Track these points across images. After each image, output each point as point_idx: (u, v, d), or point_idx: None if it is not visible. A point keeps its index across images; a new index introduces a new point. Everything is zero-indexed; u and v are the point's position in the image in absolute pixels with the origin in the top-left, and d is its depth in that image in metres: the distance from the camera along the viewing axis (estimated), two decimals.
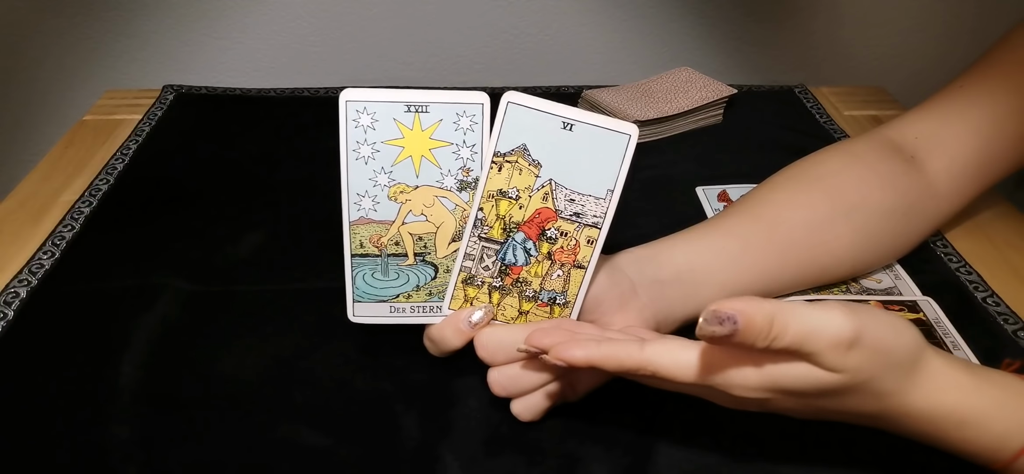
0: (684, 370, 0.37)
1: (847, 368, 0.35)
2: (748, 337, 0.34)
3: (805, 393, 0.36)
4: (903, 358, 0.37)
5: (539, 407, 0.45)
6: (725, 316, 0.33)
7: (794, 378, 0.36)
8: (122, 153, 0.77)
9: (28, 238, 0.64)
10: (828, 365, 0.35)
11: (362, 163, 0.44)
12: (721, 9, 1.01)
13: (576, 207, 0.44)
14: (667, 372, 0.38)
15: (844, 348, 0.34)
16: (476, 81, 1.03)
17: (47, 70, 1.00)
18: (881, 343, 0.36)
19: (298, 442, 0.46)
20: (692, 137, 0.82)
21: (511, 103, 0.43)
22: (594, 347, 0.39)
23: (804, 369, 0.35)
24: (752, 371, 0.36)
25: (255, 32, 1.00)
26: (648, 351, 0.38)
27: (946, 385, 0.38)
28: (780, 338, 0.34)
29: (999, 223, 0.67)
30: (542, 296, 0.46)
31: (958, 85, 0.58)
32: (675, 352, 0.38)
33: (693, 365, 0.37)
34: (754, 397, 0.37)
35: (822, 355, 0.35)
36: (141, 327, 0.54)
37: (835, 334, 0.34)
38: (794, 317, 0.34)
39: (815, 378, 0.35)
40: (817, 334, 0.34)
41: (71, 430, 0.46)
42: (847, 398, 0.37)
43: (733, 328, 0.33)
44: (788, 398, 0.37)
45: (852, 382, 0.36)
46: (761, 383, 0.36)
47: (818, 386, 0.36)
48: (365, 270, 0.47)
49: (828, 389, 0.36)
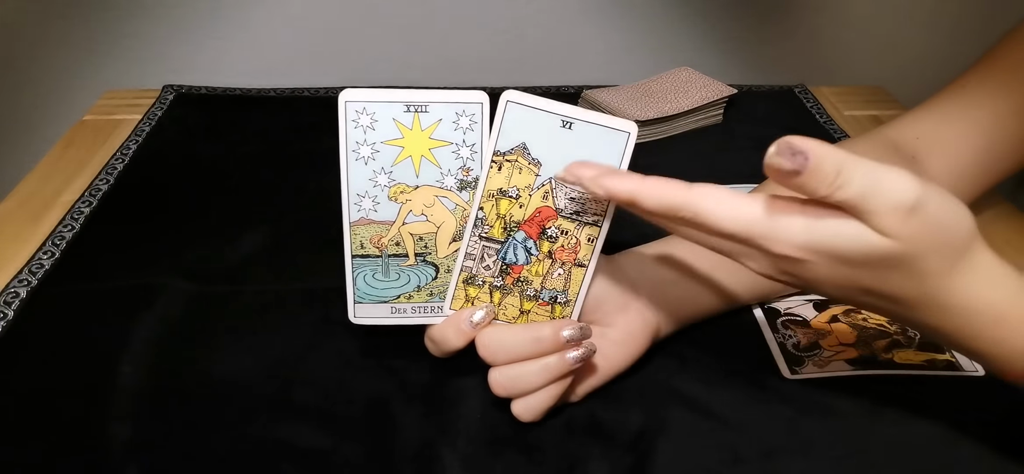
0: (728, 214, 0.35)
1: (902, 235, 0.33)
2: (814, 178, 0.32)
3: (850, 259, 0.35)
4: (956, 240, 0.35)
5: (540, 407, 0.45)
6: (798, 150, 0.32)
7: (844, 239, 0.34)
8: (122, 153, 0.77)
9: (28, 238, 0.64)
10: (884, 228, 0.33)
11: (362, 163, 0.44)
12: (721, 9, 1.01)
13: (576, 205, 0.44)
14: (711, 215, 0.35)
15: (904, 213, 0.33)
16: (476, 81, 1.03)
17: (47, 70, 1.00)
18: (940, 218, 0.34)
19: (298, 442, 0.46)
20: (692, 137, 0.82)
21: (510, 102, 0.43)
22: (637, 181, 0.37)
23: (856, 230, 0.34)
24: (801, 224, 0.34)
25: (255, 32, 1.00)
26: (695, 192, 0.36)
27: (991, 279, 0.36)
28: (844, 187, 0.32)
29: (999, 223, 0.67)
30: (543, 295, 0.46)
31: (959, 85, 0.58)
32: (722, 195, 0.36)
33: (739, 211, 0.35)
34: (794, 256, 0.35)
35: (880, 216, 0.33)
36: (141, 327, 0.54)
37: (899, 196, 0.33)
38: (863, 170, 0.32)
39: (865, 242, 0.34)
40: (881, 193, 0.33)
41: (71, 430, 0.46)
42: (890, 273, 0.35)
43: (803, 163, 0.32)
44: (828, 264, 0.35)
45: (902, 252, 0.34)
46: (807, 240, 0.34)
47: (867, 252, 0.34)
48: (366, 271, 0.47)
49: (875, 257, 0.34)
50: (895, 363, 0.52)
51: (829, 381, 0.50)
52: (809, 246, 0.35)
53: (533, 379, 0.45)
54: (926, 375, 0.51)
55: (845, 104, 0.91)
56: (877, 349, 0.53)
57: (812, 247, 0.35)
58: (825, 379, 0.51)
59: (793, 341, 0.53)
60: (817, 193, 0.33)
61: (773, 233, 0.35)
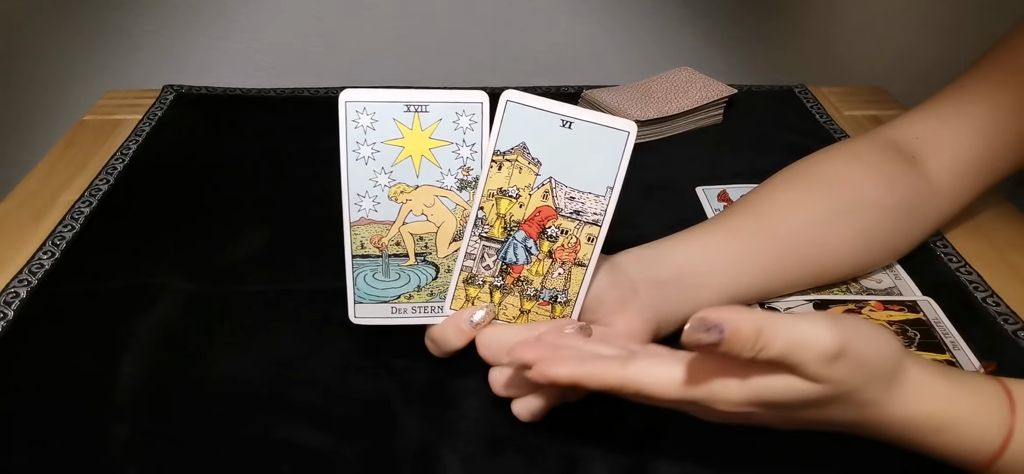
0: (666, 387, 0.37)
1: (832, 379, 0.35)
2: (735, 346, 0.34)
3: (789, 405, 0.37)
4: (884, 369, 0.37)
5: (540, 407, 0.45)
6: (712, 324, 0.33)
7: (779, 390, 0.36)
8: (122, 153, 0.77)
9: (28, 238, 0.64)
10: (813, 376, 0.35)
11: (362, 163, 0.44)
12: (721, 9, 1.01)
13: (576, 205, 0.44)
14: (650, 390, 0.38)
15: (829, 360, 0.35)
16: (475, 81, 1.03)
17: (47, 70, 1.00)
18: (865, 355, 0.36)
19: (298, 442, 0.46)
20: (692, 137, 0.82)
21: (510, 101, 0.43)
22: (577, 365, 0.39)
23: (788, 381, 0.35)
24: (736, 385, 0.36)
25: (255, 32, 1.00)
26: (631, 369, 0.38)
27: (924, 393, 0.38)
28: (767, 349, 0.34)
29: (999, 223, 0.67)
30: (543, 295, 0.46)
31: (959, 85, 0.58)
32: (657, 369, 0.38)
33: (676, 382, 0.37)
34: (738, 411, 0.37)
35: (808, 366, 0.35)
36: (141, 327, 0.54)
37: (822, 346, 0.34)
38: (781, 328, 0.34)
39: (800, 390, 0.35)
40: (804, 346, 0.34)
41: (71, 430, 0.46)
42: (829, 409, 0.37)
43: (719, 336, 0.33)
44: (771, 411, 0.37)
45: (835, 393, 0.36)
46: (745, 397, 0.36)
47: (802, 398, 0.36)
48: (366, 271, 0.47)
49: (812, 400, 0.36)
50: None
51: None
52: (750, 401, 0.36)
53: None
54: None
55: (845, 104, 0.91)
56: None
57: (753, 401, 0.36)
58: None
59: None
60: (743, 356, 0.34)
61: (712, 396, 0.37)
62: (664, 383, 0.38)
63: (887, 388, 0.37)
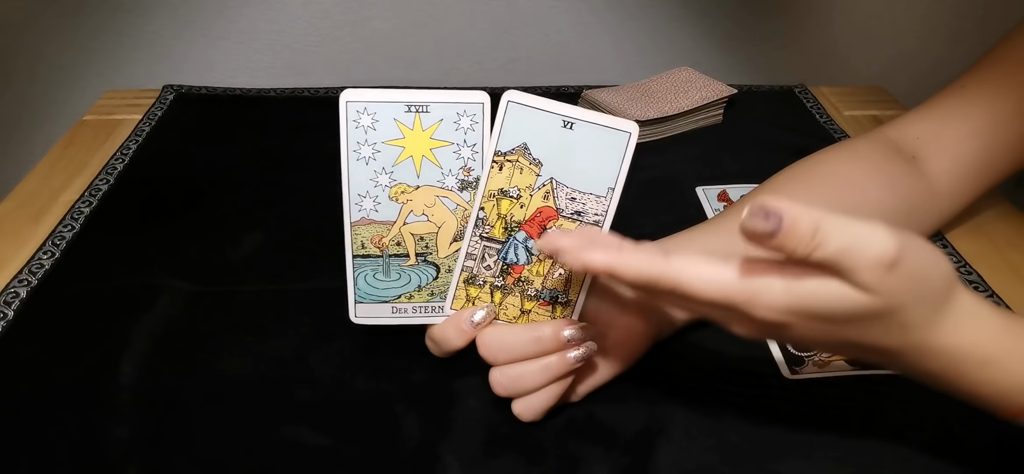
0: (708, 283, 0.35)
1: (883, 290, 0.33)
2: (791, 239, 0.32)
3: (833, 317, 0.34)
4: (936, 289, 0.35)
5: (540, 407, 0.45)
6: (772, 211, 0.32)
7: (825, 299, 0.34)
8: (122, 153, 0.77)
9: (28, 238, 0.64)
10: (864, 285, 0.33)
11: (363, 163, 0.44)
12: (721, 9, 1.01)
13: (577, 205, 0.44)
14: (690, 286, 0.35)
15: (884, 268, 0.33)
16: (476, 81, 1.03)
17: (47, 70, 1.00)
18: (919, 269, 0.34)
19: (298, 442, 0.46)
20: (692, 137, 0.82)
21: (511, 102, 0.43)
22: (615, 253, 0.36)
23: (837, 288, 0.33)
24: (781, 287, 0.34)
25: (255, 32, 1.00)
26: (673, 263, 0.35)
27: (974, 322, 0.36)
28: (822, 247, 0.32)
29: (999, 223, 0.67)
30: (544, 295, 0.46)
31: (959, 85, 0.58)
32: (700, 265, 0.35)
33: (718, 279, 0.35)
34: (777, 320, 0.35)
35: (860, 273, 0.33)
36: (141, 327, 0.54)
37: (878, 252, 0.32)
38: (838, 228, 0.32)
39: (847, 300, 0.33)
40: (859, 249, 0.32)
41: (71, 430, 0.46)
42: (873, 326, 0.35)
43: (777, 225, 0.31)
44: (812, 323, 0.35)
45: (884, 307, 0.34)
46: (789, 302, 0.34)
47: (849, 309, 0.34)
48: (367, 271, 0.47)
49: (858, 313, 0.34)
50: None
51: (829, 381, 0.50)
52: (791, 309, 0.34)
53: (534, 379, 0.45)
54: None
55: (845, 104, 0.91)
56: None
57: (794, 309, 0.34)
58: (825, 379, 0.51)
59: None
60: (795, 253, 0.32)
61: (754, 298, 0.35)
62: (706, 279, 0.35)
63: (936, 310, 0.36)
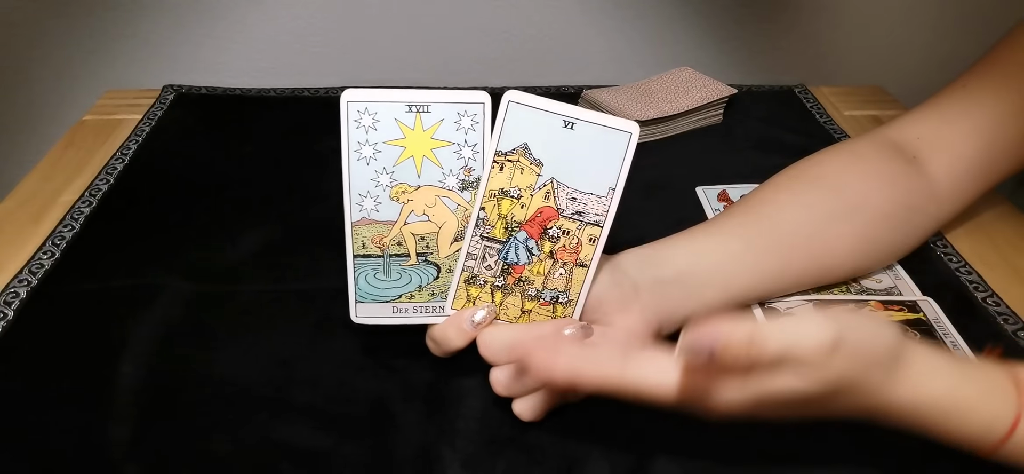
0: (665, 390, 0.37)
1: (830, 372, 0.35)
2: (729, 358, 0.34)
3: (792, 402, 0.36)
4: (883, 355, 0.37)
5: (541, 407, 0.45)
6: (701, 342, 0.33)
7: (779, 389, 0.36)
8: (122, 153, 0.77)
9: (28, 238, 0.64)
10: (811, 372, 0.35)
11: (364, 163, 0.44)
12: (721, 9, 1.01)
13: (578, 205, 0.44)
14: (648, 392, 0.37)
15: (826, 354, 0.34)
16: (476, 81, 1.03)
17: (47, 70, 1.00)
18: (862, 343, 0.36)
19: (298, 442, 0.46)
20: (692, 137, 0.82)
21: (512, 102, 0.43)
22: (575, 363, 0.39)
23: (788, 379, 0.35)
24: (736, 386, 0.36)
25: (255, 32, 1.00)
26: (629, 370, 0.38)
27: (929, 378, 0.38)
28: (763, 355, 0.34)
29: (999, 223, 0.67)
30: (544, 295, 0.46)
31: (960, 85, 0.58)
32: (656, 371, 0.38)
33: (674, 384, 0.37)
34: (743, 412, 0.37)
35: (805, 364, 0.35)
36: (141, 327, 0.54)
37: (816, 342, 0.34)
38: (773, 332, 0.34)
39: (799, 387, 0.35)
40: (798, 345, 0.34)
41: (71, 430, 0.46)
42: (833, 400, 0.37)
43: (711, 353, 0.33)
44: (774, 408, 0.37)
45: (836, 386, 0.36)
46: (746, 398, 0.36)
47: (804, 394, 0.36)
48: (367, 271, 0.47)
49: (813, 396, 0.36)
50: None
51: None
52: (749, 401, 0.37)
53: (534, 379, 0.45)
54: None
55: (845, 104, 0.91)
56: None
57: (753, 401, 0.36)
58: None
59: None
60: (739, 366, 0.34)
61: (714, 399, 0.37)
62: (662, 386, 0.37)
63: (889, 374, 0.37)
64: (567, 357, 0.39)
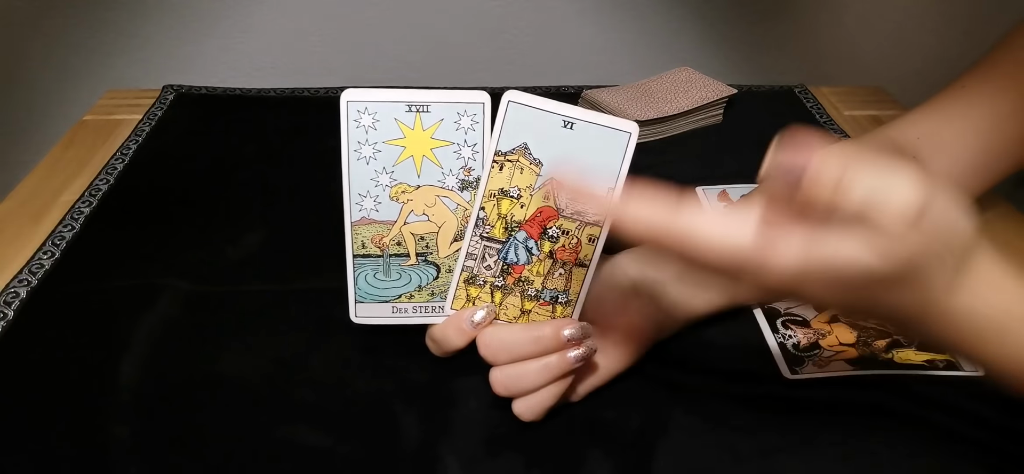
0: (719, 244, 0.33)
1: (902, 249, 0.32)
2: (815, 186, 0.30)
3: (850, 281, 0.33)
4: (959, 245, 0.34)
5: (541, 407, 0.45)
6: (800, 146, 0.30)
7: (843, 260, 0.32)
8: (122, 153, 0.77)
9: (28, 238, 0.64)
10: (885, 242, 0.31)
11: (363, 163, 0.44)
12: (721, 9, 1.01)
13: (577, 205, 0.44)
14: (699, 244, 0.33)
15: (908, 222, 0.31)
16: (475, 81, 1.03)
17: (47, 70, 1.00)
18: (943, 223, 0.32)
19: (298, 442, 0.46)
20: (692, 137, 0.82)
21: (512, 102, 0.43)
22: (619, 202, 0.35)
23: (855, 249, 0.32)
24: (796, 250, 0.32)
25: (255, 32, 1.00)
26: (683, 218, 0.33)
27: (994, 287, 0.35)
28: (849, 193, 0.31)
29: (999, 223, 0.67)
30: (544, 295, 0.46)
31: (960, 85, 0.58)
32: (712, 224, 0.33)
33: (730, 239, 0.33)
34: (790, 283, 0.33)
35: (882, 227, 0.31)
36: (141, 327, 0.54)
37: (902, 204, 0.31)
38: (863, 175, 0.31)
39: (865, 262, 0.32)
40: (883, 200, 0.31)
41: (71, 430, 0.46)
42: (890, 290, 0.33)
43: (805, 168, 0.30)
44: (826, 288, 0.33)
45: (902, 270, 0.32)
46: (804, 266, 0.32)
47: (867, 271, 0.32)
48: (367, 271, 0.47)
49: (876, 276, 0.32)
50: (895, 363, 0.52)
51: (829, 381, 0.50)
52: (806, 272, 0.33)
53: (534, 378, 0.45)
54: (926, 375, 0.51)
55: (845, 104, 0.91)
56: (877, 349, 0.53)
57: (810, 272, 0.33)
58: (825, 379, 0.51)
59: (793, 341, 0.53)
60: (820, 199, 0.31)
61: (767, 261, 0.33)
62: (717, 237, 0.33)
63: (955, 273, 0.34)
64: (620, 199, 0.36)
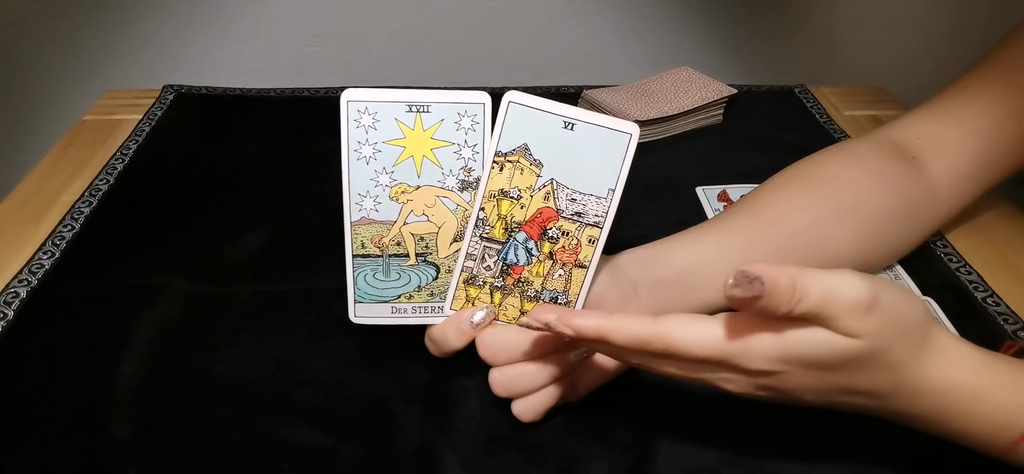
0: (700, 341, 0.37)
1: (865, 332, 0.35)
2: (773, 300, 0.34)
3: (822, 363, 0.36)
4: (915, 326, 0.36)
5: (540, 407, 0.45)
6: (753, 277, 0.33)
7: (813, 346, 0.35)
8: (122, 153, 0.77)
9: (28, 238, 0.64)
10: (847, 330, 0.35)
11: (363, 163, 0.44)
12: (721, 9, 1.01)
13: (577, 206, 0.44)
14: (683, 343, 0.37)
15: (862, 311, 0.34)
16: (475, 81, 1.03)
17: (47, 70, 1.00)
18: (895, 308, 0.35)
19: (298, 442, 0.46)
20: (692, 137, 0.82)
21: (512, 103, 0.43)
22: (605, 318, 0.38)
23: (823, 336, 0.35)
24: (770, 339, 0.36)
25: (255, 32, 1.00)
26: (663, 324, 0.37)
27: (957, 359, 0.37)
28: (803, 301, 0.34)
29: (999, 223, 0.67)
30: (544, 296, 0.46)
31: (960, 85, 0.58)
32: (690, 324, 0.37)
33: (709, 336, 0.36)
34: (770, 370, 0.36)
35: (841, 319, 0.34)
36: (141, 327, 0.54)
37: (854, 297, 0.34)
38: (815, 281, 0.34)
39: (833, 345, 0.35)
40: (836, 297, 0.34)
41: (71, 430, 0.46)
42: (862, 369, 0.36)
43: (760, 289, 0.33)
44: (803, 372, 0.37)
45: (869, 349, 0.35)
46: (780, 352, 0.36)
47: (836, 354, 0.35)
48: (366, 271, 0.47)
49: (846, 357, 0.35)
50: None
51: None
52: (782, 357, 0.36)
53: (533, 379, 0.45)
54: None
55: (845, 104, 0.91)
56: None
57: (785, 358, 0.36)
58: None
59: None
60: (779, 311, 0.34)
61: (746, 351, 0.36)
62: (697, 336, 0.37)
63: (920, 347, 0.37)
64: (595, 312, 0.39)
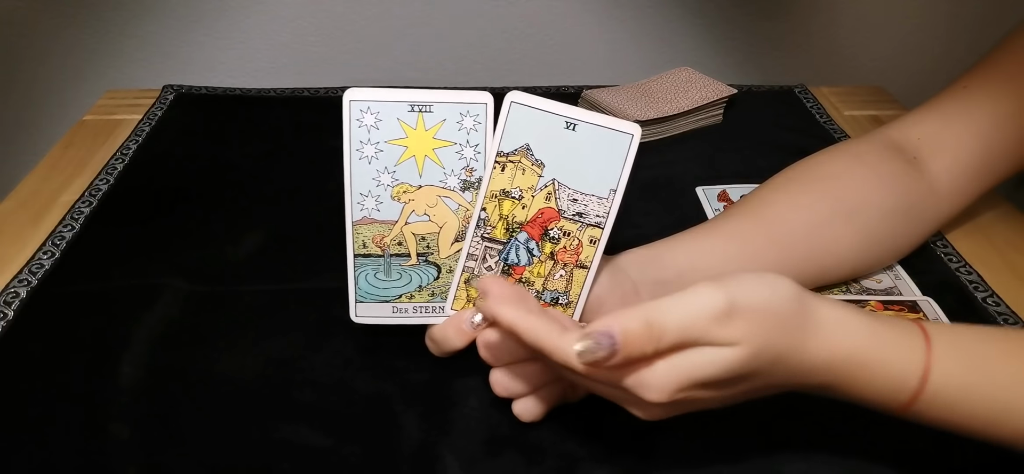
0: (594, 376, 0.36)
1: (738, 338, 0.34)
2: (633, 347, 0.33)
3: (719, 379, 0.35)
4: (788, 311, 0.36)
5: (540, 407, 0.45)
6: (600, 337, 0.33)
7: (700, 366, 0.35)
8: (122, 153, 0.77)
9: (28, 238, 0.64)
10: (721, 340, 0.34)
11: (365, 163, 0.44)
12: (721, 9, 1.01)
13: (579, 207, 0.44)
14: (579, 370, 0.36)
15: (725, 318, 0.34)
16: (475, 81, 1.03)
17: (47, 70, 1.00)
18: (757, 302, 0.35)
19: (298, 442, 0.46)
20: (692, 137, 0.82)
21: (514, 103, 0.43)
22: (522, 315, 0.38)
23: (706, 354, 0.35)
24: (665, 368, 0.35)
25: (255, 32, 1.00)
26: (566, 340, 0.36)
27: (839, 331, 0.37)
28: (664, 335, 0.33)
29: (999, 223, 0.67)
30: (545, 296, 0.46)
31: (961, 85, 0.58)
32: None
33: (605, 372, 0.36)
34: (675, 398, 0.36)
35: (711, 332, 0.34)
36: (141, 327, 0.54)
37: (711, 308, 0.34)
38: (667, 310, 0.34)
39: (719, 359, 0.35)
40: (695, 316, 0.34)
41: (71, 430, 0.46)
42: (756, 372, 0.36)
43: (612, 346, 0.33)
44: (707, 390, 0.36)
45: (750, 352, 0.35)
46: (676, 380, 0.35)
47: (724, 366, 0.35)
48: (368, 270, 0.47)
49: (733, 367, 0.35)
50: None
51: None
52: (680, 385, 0.35)
53: (533, 379, 0.45)
54: None
55: (845, 104, 0.91)
56: None
57: (683, 384, 0.35)
58: None
59: None
60: (645, 355, 0.34)
61: (642, 382, 0.35)
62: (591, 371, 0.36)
63: (801, 330, 0.36)
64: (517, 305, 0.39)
